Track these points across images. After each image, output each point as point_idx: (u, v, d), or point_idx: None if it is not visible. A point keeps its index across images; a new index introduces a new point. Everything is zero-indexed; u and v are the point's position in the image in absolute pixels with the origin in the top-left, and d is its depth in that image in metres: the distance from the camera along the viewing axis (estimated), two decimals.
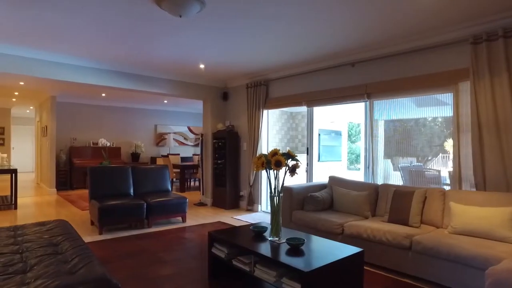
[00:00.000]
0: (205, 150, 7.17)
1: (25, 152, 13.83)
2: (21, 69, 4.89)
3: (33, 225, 3.21)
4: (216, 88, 7.06)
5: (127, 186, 5.35)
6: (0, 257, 2.31)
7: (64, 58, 5.17)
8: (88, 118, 9.77)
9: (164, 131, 11.03)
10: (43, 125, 9.23)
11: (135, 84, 5.92)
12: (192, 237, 4.60)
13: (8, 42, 4.53)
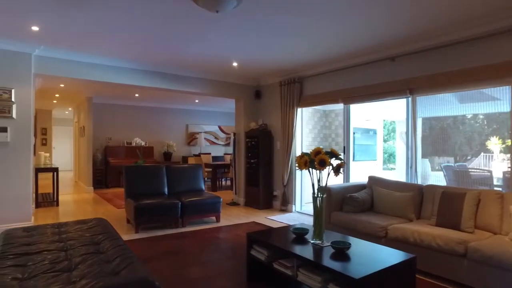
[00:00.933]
0: (237, 149, 7.12)
1: (64, 151, 14.42)
2: (62, 71, 5.02)
3: (75, 223, 3.25)
4: (248, 86, 6.98)
5: (162, 185, 5.37)
6: (48, 254, 2.33)
7: (100, 59, 5.27)
8: (122, 118, 10.01)
9: (195, 130, 11.12)
10: (81, 126, 9.54)
11: (168, 84, 5.95)
12: (228, 237, 4.54)
13: (52, 46, 4.67)
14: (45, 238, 2.74)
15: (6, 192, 4.57)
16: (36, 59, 4.80)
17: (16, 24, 3.94)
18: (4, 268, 2.09)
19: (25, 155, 4.70)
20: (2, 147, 4.54)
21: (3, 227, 4.53)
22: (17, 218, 4.64)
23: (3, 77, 4.55)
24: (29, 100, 4.73)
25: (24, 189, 4.70)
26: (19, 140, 4.65)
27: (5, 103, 4.53)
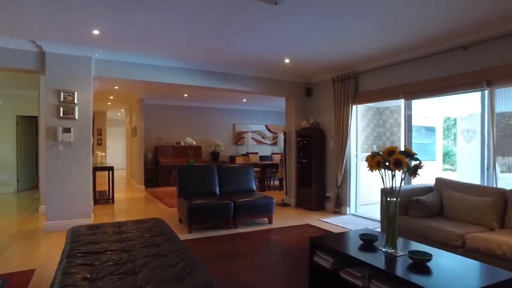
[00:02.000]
0: (288, 149, 6.93)
1: (117, 151, 15.12)
2: (118, 73, 5.16)
3: (133, 222, 3.25)
4: (299, 83, 6.76)
5: (213, 185, 5.33)
6: (112, 254, 2.31)
7: (154, 60, 5.33)
8: (171, 119, 10.23)
9: (242, 130, 11.10)
10: (133, 126, 9.89)
11: (219, 83, 5.91)
12: (282, 240, 4.37)
13: (110, 49, 4.80)
14: (107, 237, 2.75)
15: (70, 189, 4.76)
16: (95, 62, 4.96)
17: (79, 30, 4.07)
18: (74, 266, 2.09)
19: (86, 154, 4.87)
20: (66, 147, 4.74)
21: (68, 222, 4.72)
22: (79, 215, 4.82)
23: (67, 80, 4.74)
24: (89, 102, 4.89)
25: (85, 187, 4.87)
26: (80, 140, 4.83)
27: (69, 105, 4.73)
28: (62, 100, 4.69)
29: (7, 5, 3.44)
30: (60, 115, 4.68)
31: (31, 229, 4.82)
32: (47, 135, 4.66)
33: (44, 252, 3.83)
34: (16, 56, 4.55)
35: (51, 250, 3.91)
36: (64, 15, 3.65)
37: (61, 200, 4.73)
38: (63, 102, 4.70)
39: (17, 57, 4.56)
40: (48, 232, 4.63)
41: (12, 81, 7.38)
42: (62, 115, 4.69)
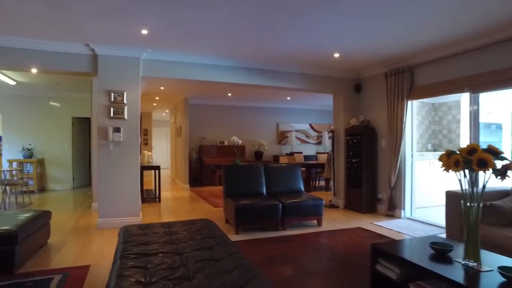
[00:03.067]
0: (336, 148, 6.62)
1: (162, 150, 15.55)
2: (165, 73, 5.18)
3: (183, 223, 3.18)
4: (348, 79, 6.43)
5: (260, 185, 5.19)
6: (164, 257, 2.22)
7: (200, 58, 5.30)
8: (215, 118, 10.27)
9: (286, 129, 10.89)
10: (177, 126, 10.05)
11: (265, 80, 5.76)
12: (334, 244, 4.12)
13: (157, 48, 4.83)
14: (158, 238, 2.68)
15: (119, 188, 4.85)
16: (143, 63, 5.02)
17: (129, 30, 4.11)
18: (127, 268, 2.02)
19: (134, 154, 4.94)
20: (116, 146, 4.83)
21: (118, 220, 4.82)
22: (129, 213, 4.90)
23: (117, 81, 4.84)
24: (137, 102, 4.96)
25: (134, 185, 4.94)
26: (129, 139, 4.90)
27: (119, 105, 4.82)
28: (112, 101, 4.79)
29: (63, 10, 3.56)
30: (111, 115, 4.78)
31: (85, 225, 4.97)
32: (99, 135, 4.78)
33: (97, 249, 3.91)
34: (72, 60, 4.72)
35: (104, 247, 3.98)
36: (115, 16, 3.69)
37: (112, 198, 4.83)
38: (114, 102, 4.80)
39: (73, 61, 4.73)
40: (100, 229, 4.75)
41: (68, 85, 7.76)
42: (113, 115, 4.78)
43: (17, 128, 8.50)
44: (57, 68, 4.73)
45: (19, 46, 4.51)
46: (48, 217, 4.10)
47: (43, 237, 3.96)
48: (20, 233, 3.20)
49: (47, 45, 4.58)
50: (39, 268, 3.29)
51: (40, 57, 4.61)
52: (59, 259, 3.56)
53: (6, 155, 8.42)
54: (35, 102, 8.60)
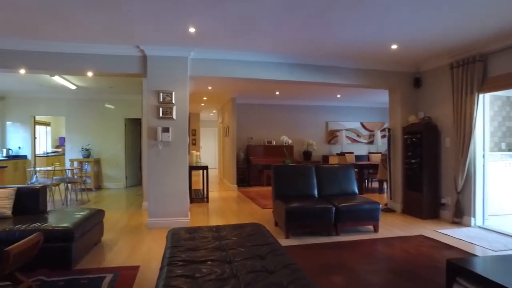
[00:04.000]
0: (393, 147, 6.14)
1: (209, 150, 15.77)
2: (212, 71, 5.11)
3: (232, 227, 3.03)
4: (406, 73, 5.92)
5: (311, 187, 4.92)
6: (213, 265, 2.07)
7: (247, 55, 5.15)
8: (262, 118, 10.12)
9: (336, 128, 10.44)
10: (225, 126, 10.06)
11: (314, 76, 5.48)
12: (394, 253, 3.74)
13: (205, 47, 4.76)
14: (206, 243, 2.55)
15: (168, 188, 4.86)
16: (191, 62, 4.99)
17: (177, 29, 4.07)
18: (175, 277, 1.89)
19: (183, 154, 4.91)
20: (165, 146, 4.84)
21: (167, 220, 4.83)
22: (177, 213, 4.89)
23: (166, 81, 4.85)
24: (185, 102, 4.93)
25: (182, 186, 4.92)
26: (178, 139, 4.89)
27: (167, 105, 4.82)
28: (161, 101, 4.81)
29: (116, 14, 3.62)
30: (160, 115, 4.80)
31: (136, 224, 5.05)
32: (149, 135, 4.82)
33: (146, 249, 3.90)
34: (124, 62, 4.84)
35: (153, 247, 3.97)
36: (163, 16, 3.66)
37: (161, 198, 4.85)
38: (162, 102, 4.81)
39: (125, 63, 4.84)
40: (150, 229, 4.78)
41: (121, 88, 8.06)
42: (161, 115, 4.80)
43: (77, 129, 9.02)
44: (110, 70, 4.85)
45: (76, 51, 4.71)
46: (102, 215, 4.18)
47: (97, 235, 4.04)
48: (76, 231, 3.29)
49: (100, 49, 4.73)
50: (93, 266, 3.37)
51: (94, 60, 4.77)
52: (111, 258, 3.61)
53: (69, 155, 8.96)
54: (92, 105, 9.06)
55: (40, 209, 3.92)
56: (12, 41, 4.52)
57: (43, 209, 3.95)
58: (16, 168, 8.20)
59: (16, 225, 3.30)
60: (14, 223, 3.36)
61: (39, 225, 3.29)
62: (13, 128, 8.80)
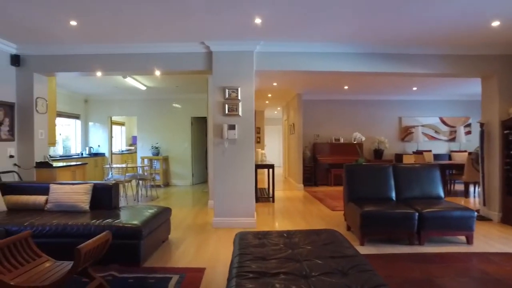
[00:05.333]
0: (487, 145, 5.29)
1: (273, 148, 15.61)
2: (278, 65, 4.85)
3: (305, 233, 2.73)
4: (505, 56, 5.03)
5: (389, 189, 4.41)
6: (287, 280, 1.80)
7: (313, 46, 4.81)
8: (329, 114, 9.63)
9: (411, 124, 9.53)
10: (290, 123, 9.76)
11: (390, 66, 4.92)
12: (497, 272, 3.11)
13: (271, 39, 4.52)
14: (278, 251, 2.28)
15: (235, 187, 4.72)
16: (257, 56, 4.79)
17: (242, 22, 3.90)
18: None
19: (249, 152, 4.74)
20: (231, 144, 4.71)
21: (233, 220, 4.70)
22: (243, 213, 4.73)
23: (231, 77, 4.71)
24: (251, 98, 4.74)
25: (248, 185, 4.75)
26: (244, 137, 4.72)
27: (233, 102, 4.68)
28: (227, 97, 4.68)
29: (180, 11, 3.58)
30: (226, 112, 4.67)
31: (202, 223, 5.01)
32: (214, 133, 4.73)
33: (212, 250, 3.78)
34: (189, 59, 4.82)
35: (219, 248, 3.84)
36: (228, 8, 3.51)
37: (227, 197, 4.73)
38: (228, 99, 4.68)
39: (190, 60, 4.82)
40: (215, 228, 4.69)
41: (187, 87, 8.22)
42: (227, 112, 4.67)
43: (147, 128, 9.45)
44: (176, 68, 4.86)
45: (144, 52, 4.82)
46: (169, 213, 4.17)
47: (164, 232, 4.04)
48: (144, 229, 3.28)
49: (167, 48, 4.77)
50: (161, 264, 3.35)
51: (162, 59, 4.82)
52: (178, 257, 3.55)
53: (140, 153, 9.44)
54: (161, 104, 9.42)
55: (113, 205, 4.03)
56: (90, 47, 4.79)
57: (115, 205, 4.06)
58: (96, 164, 8.83)
59: (92, 220, 3.41)
60: (91, 218, 3.48)
61: (111, 221, 3.35)
62: (94, 128, 9.52)
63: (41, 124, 5.07)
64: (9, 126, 4.79)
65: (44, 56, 4.91)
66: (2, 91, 4.70)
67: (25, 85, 4.93)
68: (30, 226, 3.32)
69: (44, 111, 5.14)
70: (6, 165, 4.73)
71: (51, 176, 4.90)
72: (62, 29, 4.18)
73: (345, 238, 2.57)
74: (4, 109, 4.70)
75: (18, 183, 4.22)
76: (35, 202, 3.95)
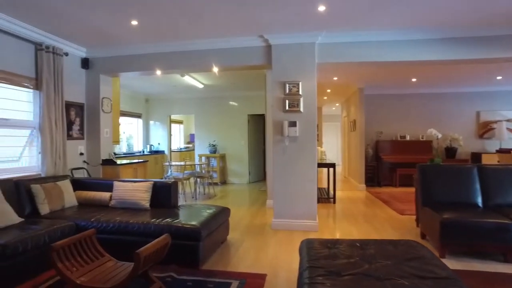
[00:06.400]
0: None
1: (331, 146, 15.02)
2: (341, 56, 4.46)
3: (380, 244, 2.38)
4: None
5: (473, 194, 3.83)
6: None
7: (380, 35, 4.34)
8: (394, 110, 8.91)
9: (491, 118, 8.43)
10: (351, 120, 9.22)
11: (477, 51, 4.27)
12: None
13: (333, 29, 4.17)
14: (352, 266, 1.98)
15: (296, 187, 4.46)
16: (318, 48, 4.47)
17: (304, 11, 3.62)
18: None
19: (311, 150, 4.44)
20: (291, 142, 4.45)
21: (293, 222, 4.45)
22: (305, 215, 4.45)
23: (292, 71, 4.45)
24: (313, 92, 4.43)
25: (310, 185, 4.45)
26: (305, 134, 4.43)
27: (294, 97, 4.41)
28: (287, 93, 4.43)
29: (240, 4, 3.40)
30: (286, 108, 4.42)
31: (260, 224, 4.82)
32: (274, 130, 4.50)
33: (272, 254, 3.57)
34: (247, 54, 4.66)
35: (279, 252, 3.61)
36: None
37: (287, 198, 4.49)
38: (288, 94, 4.42)
39: (248, 54, 4.66)
40: (274, 230, 4.48)
41: (243, 84, 8.11)
42: (288, 108, 4.41)
43: (204, 126, 9.55)
44: (234, 63, 4.72)
45: (201, 48, 4.76)
46: (228, 214, 4.05)
47: (223, 233, 3.92)
48: (203, 230, 3.18)
49: (225, 43, 4.65)
50: (220, 267, 3.22)
51: (219, 55, 4.72)
52: (237, 261, 3.39)
53: (198, 151, 9.57)
54: (217, 102, 9.45)
55: (172, 204, 4.00)
56: (149, 46, 4.85)
57: (174, 204, 4.03)
58: (156, 162, 9.13)
59: (152, 218, 3.39)
60: (151, 216, 3.47)
61: (170, 221, 3.29)
62: (154, 127, 9.86)
63: (106, 123, 5.26)
64: (79, 126, 5.02)
65: (109, 57, 5.08)
66: (74, 92, 4.94)
67: (93, 86, 5.14)
68: (96, 222, 3.39)
69: (109, 110, 5.32)
70: (77, 162, 4.96)
71: (115, 172, 5.06)
72: (124, 30, 4.25)
73: (433, 254, 2.18)
74: (75, 109, 4.94)
75: (87, 179, 4.39)
76: (101, 198, 4.06)
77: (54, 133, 4.36)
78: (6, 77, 3.93)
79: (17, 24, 3.95)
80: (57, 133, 4.41)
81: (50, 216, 3.58)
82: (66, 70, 4.71)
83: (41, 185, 3.77)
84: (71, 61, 4.88)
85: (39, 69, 4.27)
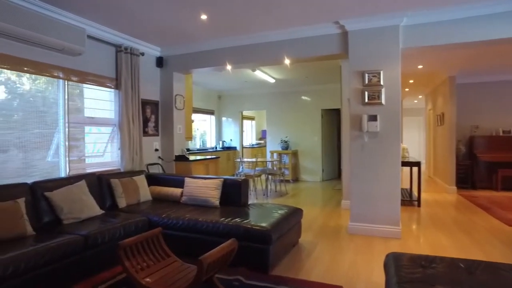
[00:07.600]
0: None
1: (411, 143, 13.72)
2: (430, 39, 3.81)
3: (496, 268, 1.89)
4: None
5: None
6: None
7: (481, 8, 3.59)
8: (493, 100, 7.67)
9: None
10: (438, 113, 8.20)
11: None
12: None
13: (421, 8, 3.59)
14: None
15: (375, 188, 4.00)
16: (403, 31, 3.90)
17: None
18: None
19: (393, 147, 3.92)
20: (371, 138, 3.99)
21: (373, 227, 4.01)
22: (386, 219, 3.96)
23: (371, 59, 3.98)
24: (397, 82, 3.90)
25: (392, 186, 3.94)
26: (388, 129, 3.93)
27: (374, 88, 3.94)
28: (366, 83, 3.97)
29: None
30: (365, 100, 3.97)
31: (335, 226, 4.45)
32: (351, 125, 4.08)
33: (349, 263, 3.20)
34: (321, 43, 4.31)
35: (357, 262, 3.23)
36: None
37: (366, 200, 4.04)
38: (368, 85, 3.96)
39: (323, 43, 4.31)
40: (351, 234, 4.08)
41: (317, 78, 7.72)
42: (367, 101, 3.95)
43: (276, 122, 9.36)
44: (307, 54, 4.40)
45: (272, 40, 4.54)
46: (300, 215, 3.78)
47: (295, 236, 3.67)
48: (273, 233, 2.98)
49: (297, 33, 4.37)
50: (290, 274, 2.97)
51: (291, 46, 4.45)
52: (309, 267, 3.10)
53: (269, 147, 9.44)
54: (290, 97, 9.17)
55: (242, 202, 3.87)
56: (219, 41, 4.79)
57: (244, 202, 3.90)
58: (228, 158, 9.22)
59: (221, 217, 3.29)
60: (220, 215, 3.37)
61: (239, 221, 3.15)
62: (226, 123, 9.98)
63: (179, 119, 5.35)
64: (154, 123, 5.19)
65: (181, 55, 5.15)
66: (150, 91, 5.12)
67: (167, 84, 5.27)
68: (166, 219, 3.40)
69: (182, 107, 5.41)
70: (152, 158, 5.14)
71: (187, 168, 5.12)
72: (194, 26, 4.22)
73: None
74: (151, 107, 5.11)
75: (160, 175, 4.49)
76: (173, 194, 4.10)
77: (131, 130, 4.54)
78: (95, 79, 4.23)
79: (102, 29, 4.19)
80: (134, 130, 4.58)
81: (126, 210, 3.71)
82: (142, 69, 4.88)
83: (119, 179, 3.92)
84: (147, 61, 5.05)
85: (119, 69, 4.47)
